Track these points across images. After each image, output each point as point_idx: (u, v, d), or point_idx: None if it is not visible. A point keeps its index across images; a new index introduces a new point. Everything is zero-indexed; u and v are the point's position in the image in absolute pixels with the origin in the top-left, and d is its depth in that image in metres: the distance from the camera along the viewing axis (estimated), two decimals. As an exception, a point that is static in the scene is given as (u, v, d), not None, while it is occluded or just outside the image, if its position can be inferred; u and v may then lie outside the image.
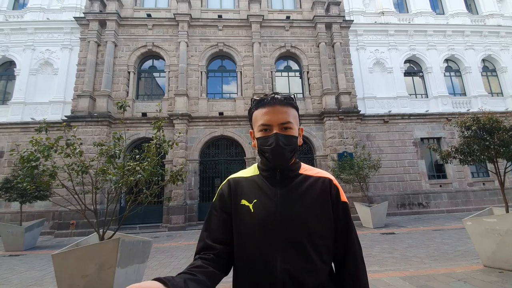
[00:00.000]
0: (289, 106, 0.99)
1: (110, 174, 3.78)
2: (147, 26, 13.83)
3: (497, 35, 16.31)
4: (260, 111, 0.99)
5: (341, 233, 0.97)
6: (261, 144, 0.98)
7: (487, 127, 4.93)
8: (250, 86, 13.52)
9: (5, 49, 13.79)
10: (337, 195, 1.00)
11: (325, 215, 0.96)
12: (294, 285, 0.87)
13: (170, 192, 11.40)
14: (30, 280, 5.19)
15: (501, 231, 4.34)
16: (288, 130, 0.97)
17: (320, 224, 0.94)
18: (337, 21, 14.38)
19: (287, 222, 0.93)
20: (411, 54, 15.50)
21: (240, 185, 1.04)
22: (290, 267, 0.89)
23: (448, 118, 13.98)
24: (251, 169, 1.11)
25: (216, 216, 1.03)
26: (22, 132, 12.39)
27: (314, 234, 0.93)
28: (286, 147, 0.96)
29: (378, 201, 11.75)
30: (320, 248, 0.92)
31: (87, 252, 3.40)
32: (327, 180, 1.01)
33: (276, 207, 0.95)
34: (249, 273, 0.94)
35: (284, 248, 0.91)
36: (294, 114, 1.01)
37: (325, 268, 0.93)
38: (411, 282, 4.06)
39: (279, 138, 0.95)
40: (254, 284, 0.92)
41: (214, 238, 0.98)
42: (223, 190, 1.07)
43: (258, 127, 0.99)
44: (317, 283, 0.90)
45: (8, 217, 11.22)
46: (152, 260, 6.29)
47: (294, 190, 0.98)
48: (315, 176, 1.02)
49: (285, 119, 0.97)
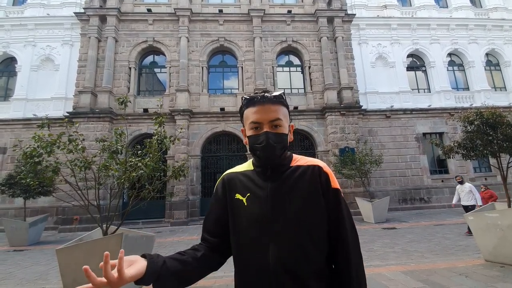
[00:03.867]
0: (279, 104, 1.01)
1: (112, 170, 3.80)
2: (148, 21, 13.75)
3: (501, 29, 16.10)
4: (251, 109, 1.01)
5: (334, 220, 0.97)
6: (252, 142, 1.00)
7: (490, 122, 4.90)
8: (251, 82, 13.46)
9: (6, 45, 13.76)
10: (327, 181, 1.00)
11: (316, 203, 0.97)
12: (287, 275, 0.89)
13: (172, 188, 11.45)
14: (35, 274, 5.25)
15: (503, 226, 4.34)
16: (278, 128, 0.99)
17: (312, 213, 0.95)
18: (339, 15, 14.23)
19: (279, 214, 0.95)
20: (414, 48, 15.35)
21: (234, 180, 1.07)
22: (283, 258, 0.90)
23: (451, 113, 13.88)
24: (246, 164, 1.13)
25: (212, 211, 1.08)
26: (24, 128, 12.43)
27: (306, 223, 0.94)
28: (276, 145, 0.97)
29: (379, 196, 11.75)
30: (314, 236, 0.94)
31: (91, 246, 3.44)
32: (316, 167, 1.02)
33: (267, 200, 0.97)
34: (245, 265, 0.97)
35: (277, 239, 0.93)
36: (284, 111, 1.02)
37: (319, 256, 0.94)
38: (412, 277, 4.08)
39: (269, 137, 0.97)
40: (250, 276, 0.95)
41: (210, 231, 1.05)
42: (218, 187, 1.10)
43: (249, 125, 1.01)
44: (311, 271, 0.91)
45: (12, 212, 11.33)
46: (155, 255, 6.34)
47: (285, 182, 1.00)
48: (305, 165, 1.03)
49: (274, 116, 0.98)
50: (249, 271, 0.95)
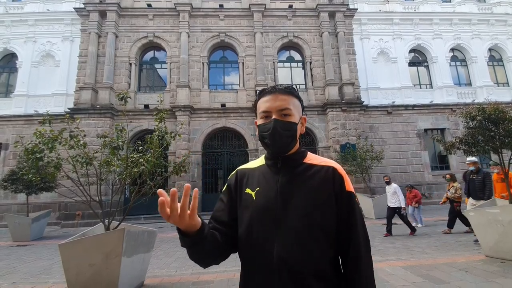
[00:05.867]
0: (289, 94, 1.02)
1: (114, 166, 3.81)
2: (148, 16, 13.67)
3: (505, 24, 15.93)
4: (262, 99, 1.03)
5: (345, 223, 0.95)
6: (261, 130, 1.01)
7: (492, 117, 4.86)
8: (252, 77, 13.41)
9: (7, 41, 13.74)
10: (342, 184, 0.97)
11: (327, 204, 0.94)
12: (289, 272, 0.88)
13: (174, 184, 11.49)
14: (39, 269, 5.31)
15: (503, 222, 4.34)
16: (287, 116, 0.99)
17: (321, 213, 0.93)
18: (341, 10, 14.10)
19: (286, 210, 0.94)
20: (416, 44, 15.22)
21: (246, 175, 1.07)
22: (287, 254, 0.89)
23: (453, 108, 13.77)
24: (259, 160, 1.13)
25: (223, 202, 1.08)
26: (26, 124, 12.47)
27: (313, 223, 0.92)
28: (284, 132, 0.97)
29: (380, 192, 11.75)
30: (319, 236, 0.92)
31: (93, 242, 3.47)
32: (330, 168, 1.00)
33: (276, 195, 0.96)
34: (250, 259, 0.96)
35: (282, 235, 0.92)
36: (294, 102, 1.02)
37: (323, 256, 0.92)
38: (413, 272, 4.10)
39: (277, 124, 0.97)
40: (254, 270, 0.94)
41: (220, 221, 1.03)
42: (230, 181, 1.10)
43: (259, 114, 1.03)
44: (314, 271, 0.90)
45: (15, 208, 11.42)
46: (157, 250, 6.40)
47: (296, 178, 0.99)
48: (319, 165, 1.02)
49: (283, 105, 0.99)
50: (253, 266, 0.95)
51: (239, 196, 1.04)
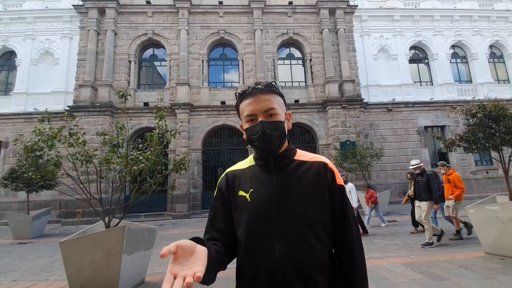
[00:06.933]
0: (271, 93, 1.00)
1: (114, 164, 3.80)
2: (147, 13, 13.59)
3: (506, 20, 15.85)
4: (244, 102, 1.01)
5: (338, 216, 0.98)
6: (249, 134, 1.00)
7: (493, 114, 4.86)
8: (252, 75, 13.36)
9: (5, 39, 13.68)
10: (333, 178, 1.00)
11: (322, 199, 0.97)
12: (293, 270, 0.89)
13: (174, 181, 11.50)
14: (40, 266, 5.33)
15: (503, 219, 4.35)
16: (273, 116, 0.98)
17: (317, 208, 0.95)
18: (341, 6, 14.01)
19: (283, 209, 0.94)
20: (416, 40, 15.16)
21: (237, 177, 1.06)
22: (289, 253, 0.90)
23: (453, 106, 13.78)
24: (247, 160, 1.12)
25: (217, 208, 1.05)
26: (25, 122, 12.45)
27: (311, 219, 0.94)
28: (273, 133, 0.97)
29: (380, 189, 11.77)
30: (318, 232, 0.94)
31: (94, 239, 3.48)
32: (322, 164, 1.02)
33: (272, 194, 0.96)
34: (250, 261, 0.96)
35: (282, 234, 0.92)
36: (277, 100, 1.01)
37: (323, 251, 0.94)
38: (412, 268, 4.11)
39: (264, 126, 0.96)
40: (255, 272, 0.94)
41: (218, 229, 1.01)
42: (221, 184, 1.08)
43: (245, 118, 1.01)
44: (316, 266, 0.91)
45: (15, 206, 11.45)
46: (158, 247, 6.40)
47: (290, 176, 0.99)
48: (310, 161, 1.03)
49: (268, 106, 0.98)
50: (253, 268, 0.94)
51: (232, 198, 1.03)
